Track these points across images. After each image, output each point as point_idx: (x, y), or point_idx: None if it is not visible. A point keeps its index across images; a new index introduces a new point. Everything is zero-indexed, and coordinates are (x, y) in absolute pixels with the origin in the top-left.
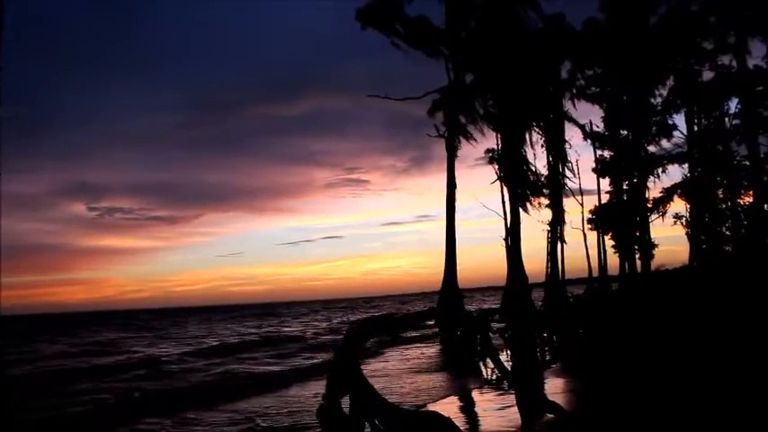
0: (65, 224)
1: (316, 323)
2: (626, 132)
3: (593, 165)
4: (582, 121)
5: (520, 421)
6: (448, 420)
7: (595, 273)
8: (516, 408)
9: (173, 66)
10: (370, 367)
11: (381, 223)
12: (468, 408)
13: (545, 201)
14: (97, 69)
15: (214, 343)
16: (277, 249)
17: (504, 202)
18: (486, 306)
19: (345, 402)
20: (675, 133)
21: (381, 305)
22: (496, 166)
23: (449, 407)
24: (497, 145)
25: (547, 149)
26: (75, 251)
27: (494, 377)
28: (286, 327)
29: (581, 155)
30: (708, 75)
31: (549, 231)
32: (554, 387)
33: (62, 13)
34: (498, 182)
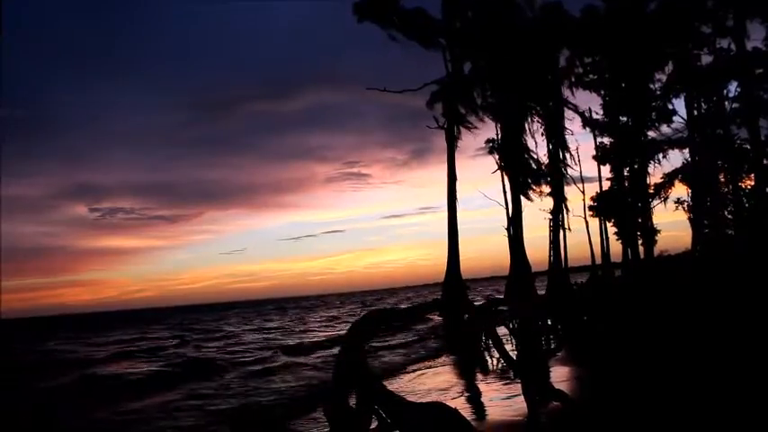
0: (67, 226)
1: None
2: (626, 119)
3: (594, 152)
4: (581, 109)
5: (526, 410)
6: (454, 411)
7: (598, 260)
8: (522, 397)
9: (172, 64)
10: (376, 362)
11: (383, 216)
12: (474, 398)
13: (546, 189)
14: (97, 70)
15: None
16: (279, 245)
17: (505, 192)
18: (489, 296)
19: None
20: (675, 118)
21: (408, 296)
22: (497, 156)
23: (455, 397)
24: (497, 134)
25: (547, 138)
26: (78, 253)
27: (499, 367)
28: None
29: (581, 142)
30: (707, 59)
31: (551, 219)
32: (559, 375)
33: (61, 15)
34: (499, 171)
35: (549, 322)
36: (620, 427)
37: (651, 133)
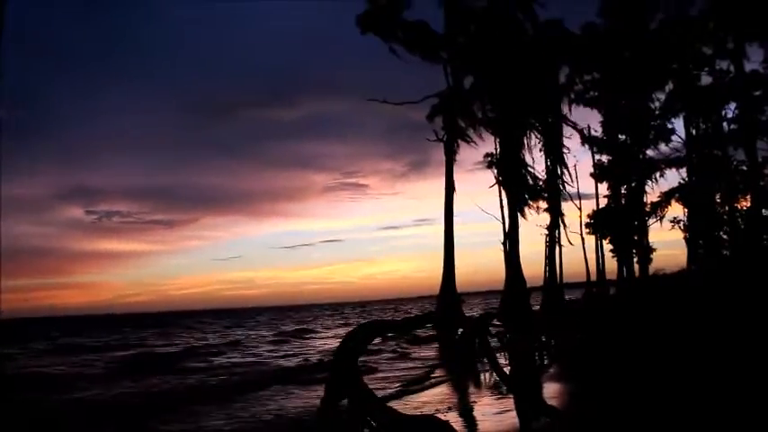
0: (63, 228)
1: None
2: (624, 137)
3: (592, 169)
4: (580, 126)
5: (518, 425)
6: (446, 424)
7: (593, 277)
8: (514, 412)
9: (171, 68)
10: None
11: (380, 227)
12: (466, 412)
13: (543, 205)
14: (96, 72)
15: None
16: (275, 253)
17: (502, 206)
18: (484, 310)
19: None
20: (674, 137)
21: (422, 306)
22: (495, 171)
23: (447, 411)
24: (496, 149)
25: (545, 154)
26: (73, 255)
27: (492, 381)
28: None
29: (579, 159)
30: (706, 79)
31: (547, 235)
32: (552, 391)
33: (59, 16)
34: (497, 186)
35: (543, 338)
36: None
37: (649, 152)
